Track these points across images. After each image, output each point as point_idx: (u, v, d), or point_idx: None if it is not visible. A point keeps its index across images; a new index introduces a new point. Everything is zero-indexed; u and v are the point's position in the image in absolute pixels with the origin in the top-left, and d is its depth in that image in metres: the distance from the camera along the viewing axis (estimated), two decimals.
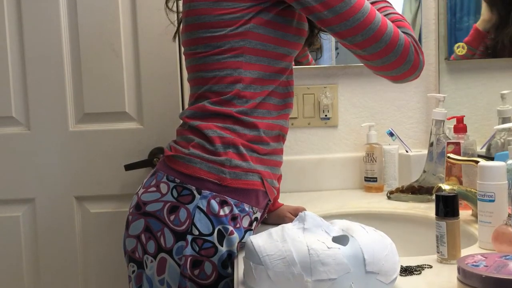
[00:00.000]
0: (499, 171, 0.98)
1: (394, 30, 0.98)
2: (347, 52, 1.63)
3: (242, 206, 0.97)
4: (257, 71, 0.99)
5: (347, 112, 1.70)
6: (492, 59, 1.56)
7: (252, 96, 0.99)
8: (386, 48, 0.97)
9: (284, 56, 1.02)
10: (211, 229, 0.94)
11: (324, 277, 0.76)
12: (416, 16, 1.67)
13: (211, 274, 0.94)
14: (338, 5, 0.93)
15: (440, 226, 0.91)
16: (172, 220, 0.94)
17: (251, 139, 0.99)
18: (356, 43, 0.97)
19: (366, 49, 0.98)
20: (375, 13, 0.97)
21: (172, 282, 0.94)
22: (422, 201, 1.42)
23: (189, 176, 0.96)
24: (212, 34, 0.98)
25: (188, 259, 0.93)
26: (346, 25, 0.95)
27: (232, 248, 0.95)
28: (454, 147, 1.32)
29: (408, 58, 1.00)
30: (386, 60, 0.99)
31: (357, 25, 0.94)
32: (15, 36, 1.58)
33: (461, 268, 0.73)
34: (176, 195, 0.96)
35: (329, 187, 1.67)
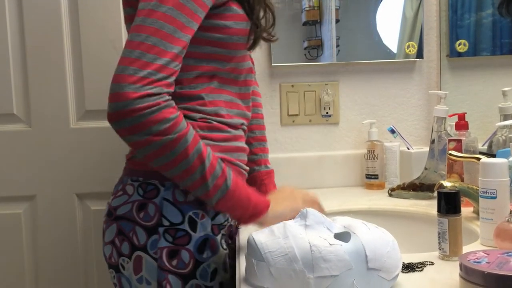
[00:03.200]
0: (501, 168, 0.98)
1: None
2: (348, 50, 1.66)
3: None
4: (195, 72, 0.99)
5: (348, 109, 1.70)
6: (494, 56, 1.55)
7: (195, 93, 0.99)
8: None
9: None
10: (181, 217, 0.95)
11: (326, 273, 0.76)
12: (417, 13, 1.67)
13: (189, 262, 0.94)
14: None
15: (442, 223, 0.91)
16: (142, 217, 0.95)
17: (203, 127, 0.98)
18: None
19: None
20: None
21: (150, 278, 0.95)
22: (423, 198, 1.42)
23: (150, 172, 0.96)
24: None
25: (164, 251, 0.94)
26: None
27: (206, 232, 0.96)
28: (456, 144, 1.32)
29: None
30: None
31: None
32: (16, 34, 1.58)
33: (463, 265, 0.73)
34: (142, 192, 0.96)
35: (330, 184, 1.67)
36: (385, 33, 1.67)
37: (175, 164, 0.87)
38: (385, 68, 1.69)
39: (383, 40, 1.67)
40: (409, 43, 1.67)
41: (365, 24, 1.67)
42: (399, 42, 1.67)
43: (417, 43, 1.67)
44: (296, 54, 1.65)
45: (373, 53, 1.67)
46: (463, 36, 1.61)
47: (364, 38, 1.66)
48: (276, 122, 1.68)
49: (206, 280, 0.96)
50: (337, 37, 1.65)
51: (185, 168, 0.88)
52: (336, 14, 1.64)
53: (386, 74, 1.70)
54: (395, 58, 1.68)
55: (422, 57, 1.67)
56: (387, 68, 1.69)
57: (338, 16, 1.64)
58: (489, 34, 1.57)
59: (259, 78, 1.66)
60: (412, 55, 1.67)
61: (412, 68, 1.70)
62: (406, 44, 1.67)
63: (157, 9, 0.85)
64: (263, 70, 1.67)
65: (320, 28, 1.65)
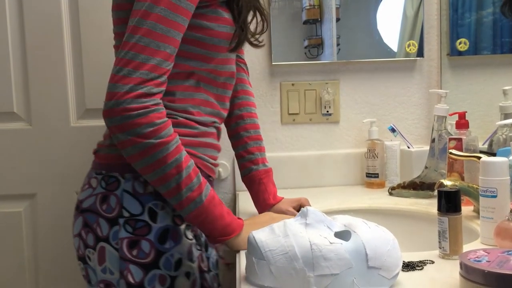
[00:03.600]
0: (501, 166, 0.98)
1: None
2: (349, 48, 1.66)
3: None
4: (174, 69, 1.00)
5: (349, 108, 1.69)
6: (494, 55, 1.55)
7: (172, 88, 0.99)
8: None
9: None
10: (141, 208, 0.96)
11: (326, 272, 0.76)
12: (418, 11, 1.67)
13: (149, 252, 0.96)
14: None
15: (442, 222, 0.91)
16: (104, 209, 0.97)
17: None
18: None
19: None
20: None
21: (113, 268, 0.96)
22: (423, 197, 1.42)
23: (112, 164, 0.99)
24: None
25: (124, 241, 0.95)
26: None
27: (167, 222, 0.97)
28: (456, 143, 1.32)
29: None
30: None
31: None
32: (17, 32, 1.58)
33: (463, 263, 0.73)
34: (104, 185, 0.99)
35: (331, 183, 1.67)
36: (385, 32, 1.67)
37: (151, 170, 0.91)
38: (385, 67, 1.69)
39: (383, 39, 1.67)
40: (409, 42, 1.67)
41: (365, 22, 1.66)
42: (399, 41, 1.67)
43: (417, 42, 1.67)
44: (296, 52, 1.65)
45: (374, 52, 1.67)
46: (463, 35, 1.61)
47: (364, 36, 1.66)
48: (276, 121, 1.68)
49: (170, 270, 0.97)
50: (337, 36, 1.65)
51: (160, 175, 0.91)
52: (336, 13, 1.64)
53: (386, 73, 1.69)
54: (395, 57, 1.68)
55: (423, 56, 1.67)
56: (388, 67, 1.69)
57: (338, 14, 1.64)
58: (489, 33, 1.57)
59: (259, 77, 1.66)
60: (412, 54, 1.67)
61: (412, 67, 1.70)
62: (406, 43, 1.67)
63: (151, 10, 0.88)
64: (263, 69, 1.67)
65: (320, 27, 1.65)
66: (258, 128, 1.29)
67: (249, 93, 1.30)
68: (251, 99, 1.30)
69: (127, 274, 0.95)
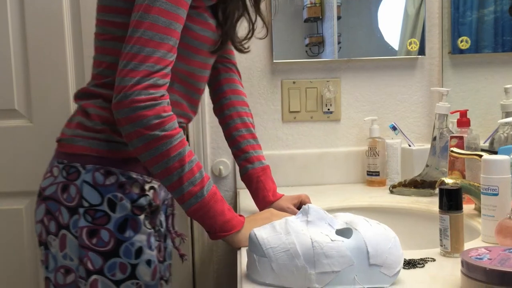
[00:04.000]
0: (503, 164, 0.98)
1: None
2: (350, 46, 1.66)
3: (128, 174, 1.00)
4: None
5: (350, 106, 1.69)
6: (496, 53, 1.55)
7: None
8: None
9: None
10: (100, 199, 0.98)
11: (328, 269, 0.76)
12: (419, 9, 1.66)
13: (109, 240, 0.98)
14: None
15: (444, 220, 0.91)
16: (65, 198, 1.00)
17: None
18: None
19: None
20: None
21: (73, 254, 0.99)
22: (424, 195, 1.42)
23: (74, 154, 1.01)
24: (108, 19, 1.02)
25: (84, 230, 0.98)
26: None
27: (126, 212, 0.99)
28: (457, 141, 1.32)
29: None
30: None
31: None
32: (18, 29, 1.58)
33: (464, 261, 0.73)
34: (65, 174, 1.01)
35: (332, 181, 1.68)
36: (387, 30, 1.66)
37: (155, 162, 0.93)
38: (387, 65, 1.69)
39: (384, 37, 1.66)
40: (411, 40, 1.67)
41: (367, 20, 1.66)
42: (401, 39, 1.67)
43: (419, 40, 1.67)
44: (297, 50, 1.65)
45: (375, 50, 1.67)
46: (465, 33, 1.61)
47: (365, 34, 1.66)
48: (277, 118, 1.68)
49: (131, 258, 0.99)
50: (338, 34, 1.64)
51: (163, 168, 0.93)
52: (337, 11, 1.64)
53: (388, 71, 1.69)
54: (396, 55, 1.68)
55: (424, 54, 1.67)
56: (389, 65, 1.69)
57: (339, 13, 1.64)
58: (491, 32, 1.57)
59: (260, 75, 1.66)
60: (414, 52, 1.67)
61: (414, 65, 1.70)
62: (408, 41, 1.67)
63: (153, 4, 0.91)
64: (265, 67, 1.67)
65: (321, 25, 1.65)
66: (251, 126, 1.28)
67: (239, 93, 1.30)
68: (241, 98, 1.29)
69: (86, 261, 0.98)
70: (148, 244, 1.02)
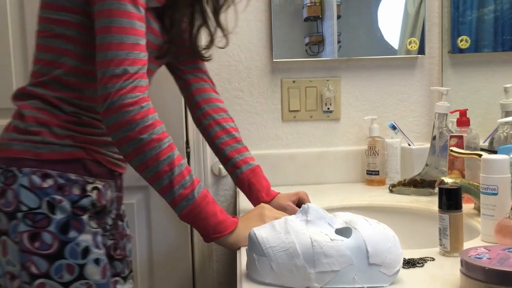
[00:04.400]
0: (502, 164, 0.98)
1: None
2: (350, 45, 1.66)
3: (67, 176, 0.99)
4: (81, 62, 1.00)
5: (350, 105, 1.69)
6: (496, 53, 1.55)
7: (75, 84, 1.00)
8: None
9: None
10: (38, 202, 0.97)
11: (327, 268, 0.76)
12: (419, 9, 1.66)
13: (52, 243, 0.96)
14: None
15: (443, 219, 0.91)
16: (3, 204, 0.98)
17: (71, 122, 1.00)
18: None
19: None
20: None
21: (15, 260, 0.97)
22: (424, 194, 1.42)
23: (11, 158, 0.99)
24: (51, 16, 1.00)
25: (24, 235, 0.96)
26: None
27: (67, 214, 0.98)
28: (457, 140, 1.32)
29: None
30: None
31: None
32: (17, 28, 1.58)
33: (464, 261, 0.73)
34: (3, 179, 0.99)
35: (331, 180, 1.68)
36: (386, 29, 1.66)
37: (145, 167, 0.94)
38: (386, 64, 1.69)
39: (384, 36, 1.66)
40: (410, 39, 1.67)
41: (366, 20, 1.66)
42: (400, 38, 1.67)
43: (418, 39, 1.67)
44: (297, 50, 1.65)
45: (375, 49, 1.67)
46: (465, 32, 1.61)
47: (365, 34, 1.66)
48: (277, 118, 1.68)
49: (77, 259, 0.97)
50: (338, 33, 1.64)
51: (154, 172, 0.94)
52: (337, 10, 1.64)
53: (387, 70, 1.69)
54: (396, 54, 1.68)
55: (424, 53, 1.67)
56: (389, 64, 1.69)
57: (339, 12, 1.64)
58: (491, 31, 1.57)
59: (260, 74, 1.67)
60: (413, 51, 1.67)
61: (413, 64, 1.70)
62: (408, 40, 1.67)
63: (115, 7, 0.92)
64: (264, 66, 1.67)
65: (321, 24, 1.65)
66: (232, 131, 1.28)
67: (212, 101, 1.29)
68: (216, 106, 1.29)
69: (29, 266, 0.96)
70: (95, 243, 1.00)
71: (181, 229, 1.62)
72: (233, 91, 1.66)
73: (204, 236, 1.00)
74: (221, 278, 1.70)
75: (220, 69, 1.65)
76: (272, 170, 1.66)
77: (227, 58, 1.65)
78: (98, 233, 1.02)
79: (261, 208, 1.07)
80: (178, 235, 1.63)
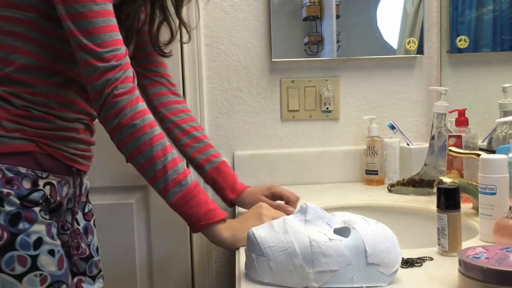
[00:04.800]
0: (500, 164, 0.98)
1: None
2: (349, 45, 1.66)
3: (17, 169, 0.96)
4: (33, 59, 0.98)
5: (349, 105, 1.70)
6: (494, 52, 1.55)
7: (27, 80, 0.98)
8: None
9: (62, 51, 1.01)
10: None
11: (326, 268, 0.76)
12: (418, 8, 1.66)
13: (1, 235, 0.94)
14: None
15: (442, 219, 0.91)
16: None
17: (22, 116, 0.98)
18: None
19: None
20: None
21: None
22: (423, 194, 1.42)
23: None
24: (2, 13, 0.98)
25: None
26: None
27: (16, 206, 0.95)
28: (456, 140, 1.32)
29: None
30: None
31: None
32: None
33: (462, 260, 0.73)
34: None
35: (330, 180, 1.68)
36: (385, 29, 1.66)
37: (139, 152, 0.95)
38: (385, 64, 1.69)
39: (383, 36, 1.67)
40: (409, 39, 1.67)
41: (365, 19, 1.66)
42: (399, 38, 1.67)
43: (417, 39, 1.67)
44: (296, 49, 1.65)
45: (374, 49, 1.67)
46: (463, 32, 1.61)
47: (364, 33, 1.66)
48: (276, 117, 1.68)
49: (29, 250, 0.95)
50: (337, 33, 1.65)
51: (148, 157, 0.95)
52: (336, 10, 1.64)
53: (386, 70, 1.69)
54: (395, 54, 1.68)
55: (423, 53, 1.67)
56: (388, 64, 1.69)
57: (338, 11, 1.64)
58: (489, 30, 1.57)
59: (259, 74, 1.67)
60: (412, 51, 1.67)
61: (412, 64, 1.70)
62: (406, 40, 1.67)
63: (89, 9, 0.92)
64: (263, 66, 1.67)
65: (320, 24, 1.65)
66: (192, 131, 1.27)
67: (169, 103, 1.28)
68: (174, 108, 1.28)
69: None
70: (49, 234, 0.98)
71: (180, 229, 1.62)
72: (232, 91, 1.66)
73: (193, 224, 1.00)
74: (220, 278, 1.70)
75: (219, 69, 1.65)
76: (271, 169, 1.66)
77: (226, 58, 1.65)
78: (52, 225, 0.99)
79: (259, 208, 1.07)
80: (177, 235, 1.63)
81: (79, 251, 1.11)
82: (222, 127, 1.67)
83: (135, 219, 1.62)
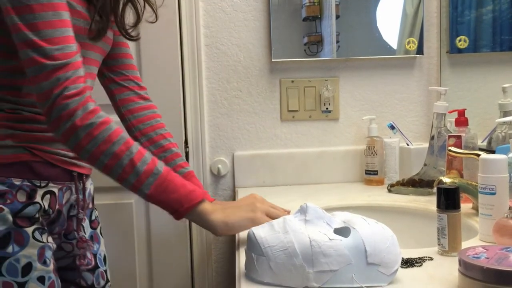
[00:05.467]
0: (500, 164, 0.98)
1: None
2: (349, 45, 1.66)
3: (10, 181, 0.90)
4: (12, 61, 0.93)
5: (348, 105, 1.70)
6: (494, 53, 1.55)
7: (11, 82, 0.94)
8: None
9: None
10: None
11: (326, 268, 0.76)
12: (418, 9, 1.66)
13: None
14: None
15: (442, 219, 0.91)
16: None
17: (11, 119, 0.94)
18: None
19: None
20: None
21: None
22: (422, 194, 1.42)
23: None
24: None
25: None
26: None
27: (7, 226, 0.89)
28: (455, 140, 1.32)
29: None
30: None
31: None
32: None
33: (462, 260, 0.74)
34: None
35: (330, 180, 1.68)
36: (385, 29, 1.67)
37: (101, 152, 0.88)
38: (385, 64, 1.69)
39: (383, 36, 1.67)
40: (409, 39, 1.67)
41: (365, 20, 1.66)
42: (399, 38, 1.67)
43: (417, 39, 1.67)
44: (296, 49, 1.65)
45: (373, 49, 1.67)
46: (463, 32, 1.61)
47: (364, 34, 1.66)
48: (276, 117, 1.68)
49: (17, 276, 0.89)
50: (337, 33, 1.65)
51: (111, 155, 0.88)
52: (336, 10, 1.64)
53: (386, 70, 1.70)
54: (395, 54, 1.68)
55: (422, 53, 1.67)
56: (387, 64, 1.69)
57: (338, 11, 1.64)
58: (489, 31, 1.57)
59: (259, 74, 1.67)
60: (412, 51, 1.67)
61: (412, 64, 1.70)
62: (406, 40, 1.67)
63: (35, 2, 0.85)
64: (263, 66, 1.67)
65: (320, 24, 1.65)
66: (158, 140, 1.21)
67: (136, 110, 1.22)
68: (142, 115, 1.22)
69: None
70: (41, 259, 0.91)
71: (180, 229, 1.62)
72: (232, 91, 1.66)
73: (176, 210, 0.94)
74: (220, 278, 1.70)
75: (219, 69, 1.65)
76: (270, 170, 1.66)
77: (226, 58, 1.65)
78: (47, 247, 0.93)
79: (253, 198, 1.04)
80: (177, 235, 1.63)
81: (85, 261, 1.06)
82: (222, 127, 1.67)
83: (135, 219, 1.62)
